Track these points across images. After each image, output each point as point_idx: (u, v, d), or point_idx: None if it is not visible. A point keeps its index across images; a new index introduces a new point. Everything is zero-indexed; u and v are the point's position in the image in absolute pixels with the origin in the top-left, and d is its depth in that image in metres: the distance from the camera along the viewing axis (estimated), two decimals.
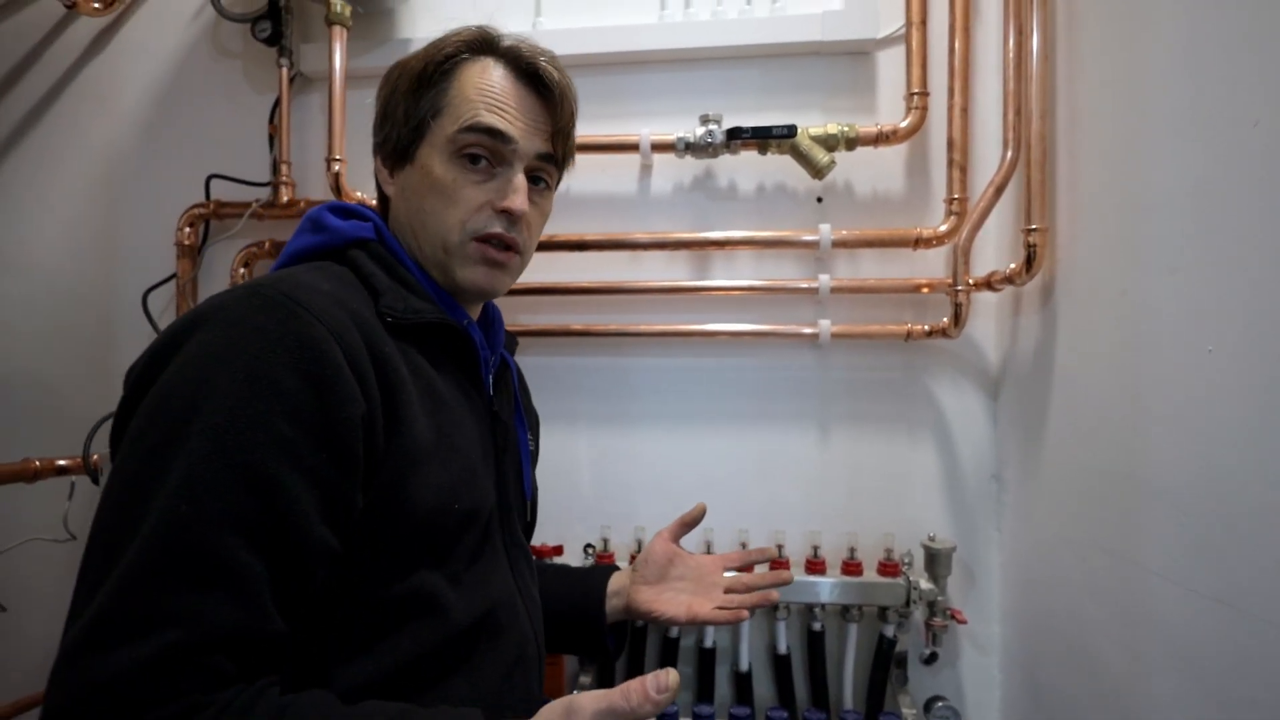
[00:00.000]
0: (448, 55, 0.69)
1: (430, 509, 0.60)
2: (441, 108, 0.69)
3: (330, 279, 0.62)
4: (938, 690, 1.15)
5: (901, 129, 1.11)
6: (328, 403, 0.53)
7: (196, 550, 0.48)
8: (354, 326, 0.57)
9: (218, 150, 1.31)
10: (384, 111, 0.72)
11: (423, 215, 0.69)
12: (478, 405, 0.72)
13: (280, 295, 0.55)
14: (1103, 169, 0.89)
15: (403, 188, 0.71)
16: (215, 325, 0.54)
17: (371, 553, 0.57)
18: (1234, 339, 0.65)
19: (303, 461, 0.52)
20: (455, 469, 0.64)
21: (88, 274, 1.35)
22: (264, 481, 0.50)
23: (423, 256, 0.71)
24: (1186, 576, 0.71)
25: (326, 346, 0.54)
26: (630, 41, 1.20)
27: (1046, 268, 1.00)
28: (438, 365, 0.67)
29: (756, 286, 1.18)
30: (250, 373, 0.51)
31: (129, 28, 1.36)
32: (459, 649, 0.62)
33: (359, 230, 0.69)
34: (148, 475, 0.49)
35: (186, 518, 0.48)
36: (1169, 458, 0.74)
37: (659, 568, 0.89)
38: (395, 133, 0.70)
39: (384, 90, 0.72)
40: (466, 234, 0.69)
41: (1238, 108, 0.65)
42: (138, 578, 0.47)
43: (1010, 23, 1.02)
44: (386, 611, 0.58)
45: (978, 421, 1.17)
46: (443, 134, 0.68)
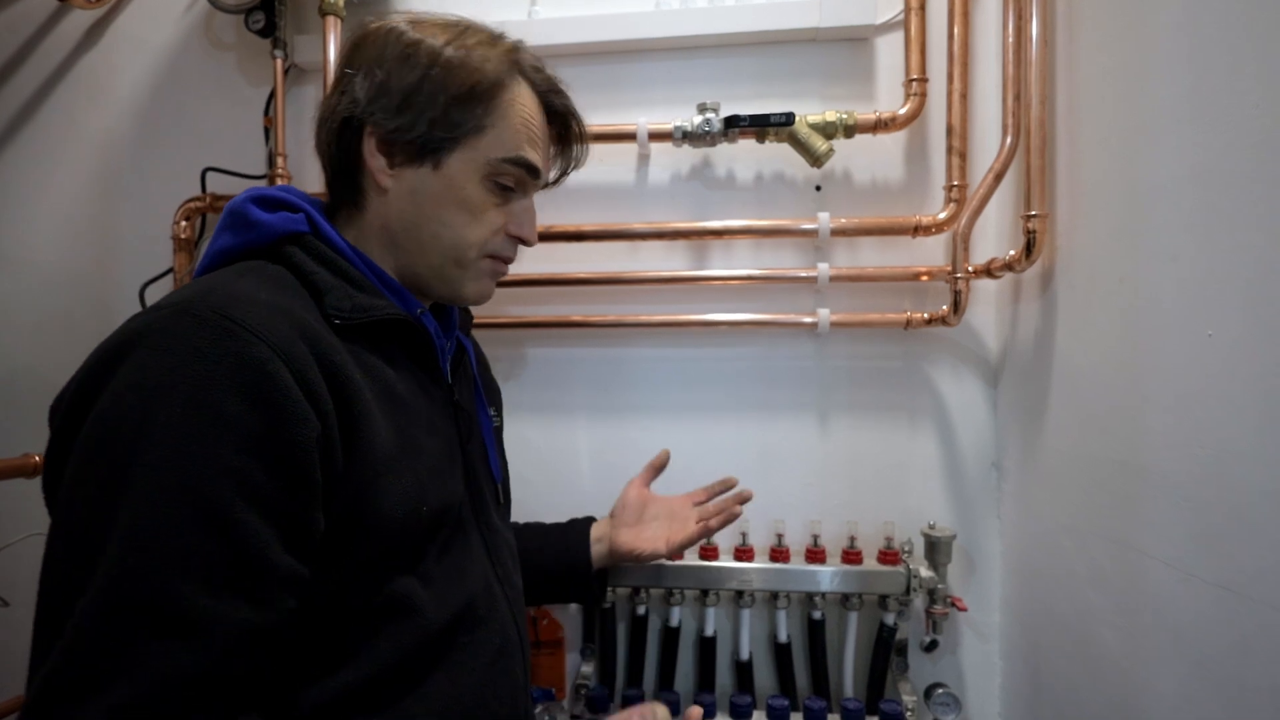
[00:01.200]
0: (499, 76, 0.66)
1: (398, 517, 0.58)
2: (487, 127, 0.66)
3: (266, 284, 0.57)
4: (938, 678, 1.16)
5: (900, 116, 1.10)
6: (277, 426, 0.50)
7: (147, 601, 0.46)
8: (299, 338, 0.54)
9: (213, 143, 1.30)
10: (408, 97, 0.64)
11: (438, 226, 0.67)
12: (437, 397, 0.70)
13: (213, 313, 0.51)
14: (1103, 155, 0.88)
15: (414, 190, 0.66)
16: (146, 351, 0.50)
17: (342, 568, 0.56)
18: (1234, 324, 0.65)
19: (257, 492, 0.49)
20: (420, 470, 0.62)
21: (85, 268, 1.34)
22: (216, 518, 0.48)
23: (422, 262, 0.68)
24: (1187, 563, 0.71)
25: (271, 366, 0.51)
26: (627, 30, 1.19)
27: (1046, 254, 0.99)
28: (392, 362, 0.64)
29: (755, 276, 1.17)
30: (190, 401, 0.48)
31: (122, 20, 1.35)
32: (438, 646, 0.61)
33: (290, 224, 0.63)
34: (92, 525, 0.47)
35: (135, 569, 0.46)
36: (1169, 443, 0.74)
37: (635, 511, 1.00)
38: (423, 129, 0.64)
39: (404, 71, 0.64)
40: (482, 252, 0.69)
41: (1238, 93, 0.64)
42: (90, 633, 0.46)
43: (1010, 8, 1.01)
44: (363, 620, 0.57)
45: (978, 409, 1.17)
46: (484, 155, 0.66)
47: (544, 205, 1.23)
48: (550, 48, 1.20)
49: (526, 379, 1.25)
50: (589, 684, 1.15)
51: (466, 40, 0.67)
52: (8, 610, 1.21)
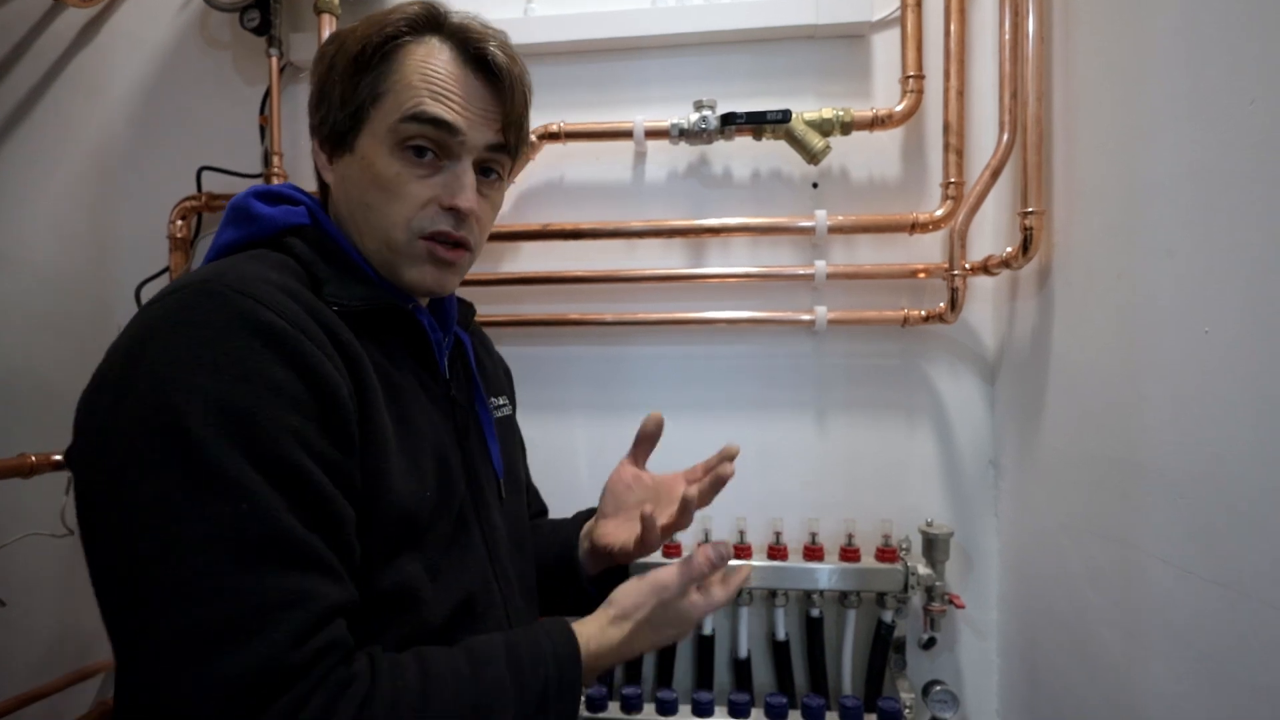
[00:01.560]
0: (389, 35, 0.63)
1: (404, 495, 0.59)
2: (382, 93, 0.63)
3: (274, 268, 0.58)
4: (936, 675, 1.16)
5: (897, 113, 1.10)
6: (319, 389, 0.52)
7: (281, 538, 0.48)
8: (309, 315, 0.55)
9: (209, 142, 1.30)
10: (320, 92, 0.66)
11: (365, 210, 0.65)
12: (434, 392, 0.70)
13: (229, 289, 0.52)
14: (1099, 152, 0.88)
15: (343, 177, 0.66)
16: (175, 331, 0.51)
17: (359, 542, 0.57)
18: (1231, 321, 0.65)
19: (314, 450, 0.51)
20: (422, 455, 0.63)
21: (80, 267, 1.34)
22: (292, 469, 0.50)
23: (366, 251, 0.67)
24: (1184, 560, 0.71)
25: (296, 335, 0.53)
26: (623, 27, 1.18)
27: (1043, 251, 0.99)
28: (390, 354, 0.65)
29: (753, 273, 1.17)
30: (238, 370, 0.49)
31: (117, 18, 1.34)
32: (437, 641, 0.61)
33: (291, 216, 0.65)
34: (176, 488, 0.47)
35: (252, 512, 0.47)
36: (1166, 441, 0.74)
37: (616, 498, 0.84)
38: (332, 116, 0.65)
39: (319, 67, 0.66)
40: (413, 232, 0.64)
41: (1235, 89, 0.64)
42: (242, 576, 0.46)
43: (1006, 4, 1.00)
44: (373, 610, 0.57)
45: (975, 406, 1.17)
46: (384, 123, 0.63)
47: (541, 203, 1.24)
48: (547, 45, 1.20)
49: (524, 377, 1.24)
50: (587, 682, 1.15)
51: (379, 14, 0.65)
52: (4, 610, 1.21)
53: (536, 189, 1.24)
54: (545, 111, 1.20)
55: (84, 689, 1.27)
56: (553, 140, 1.17)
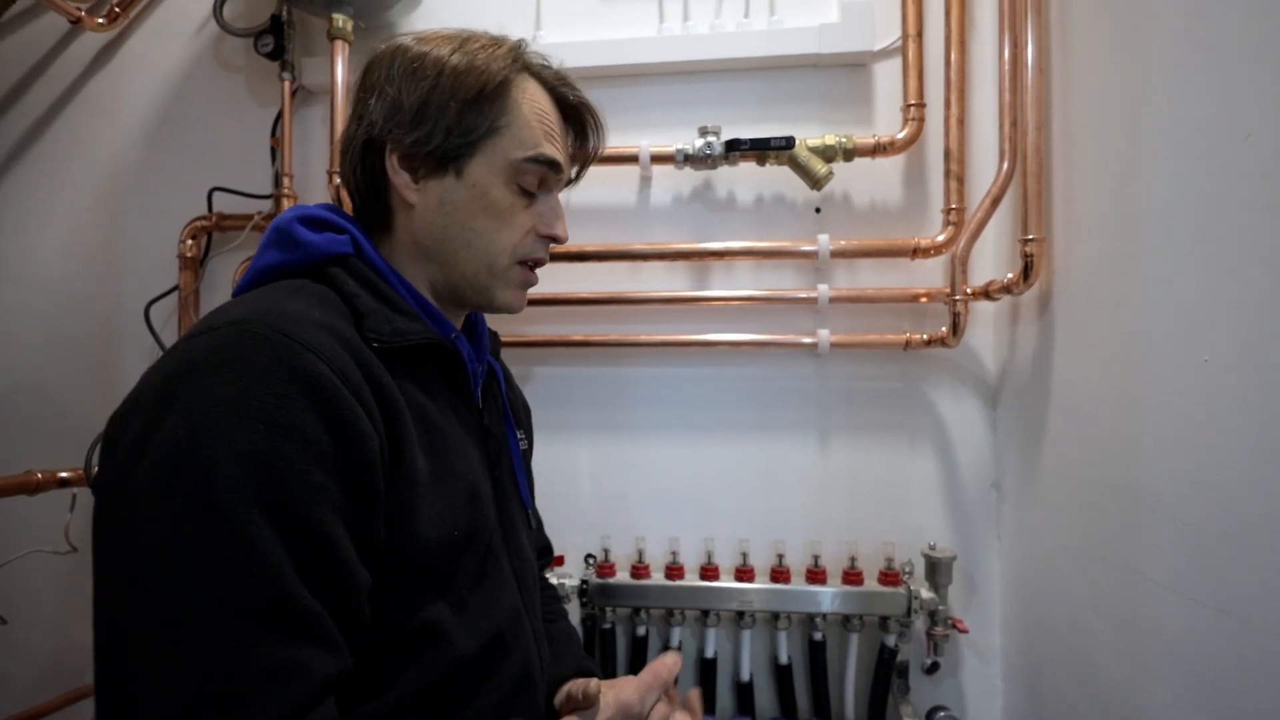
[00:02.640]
0: (506, 74, 0.66)
1: (433, 541, 0.59)
2: (503, 127, 0.66)
3: (316, 304, 0.58)
4: (940, 700, 1.15)
5: (899, 140, 1.12)
6: (348, 443, 0.52)
7: (283, 606, 0.47)
8: (350, 357, 0.55)
9: (220, 163, 1.32)
10: (419, 111, 0.64)
11: (469, 234, 0.67)
12: (469, 422, 0.70)
13: (275, 332, 0.51)
14: (1098, 180, 0.89)
15: (441, 200, 0.66)
16: (213, 371, 0.50)
17: (379, 589, 0.56)
18: (1230, 350, 0.66)
19: (337, 506, 0.51)
20: (454, 495, 0.63)
21: (90, 286, 1.35)
22: (310, 529, 0.49)
23: (456, 274, 0.68)
24: (1186, 586, 0.71)
25: (334, 384, 0.52)
26: (629, 55, 1.21)
27: (1044, 278, 1.00)
28: (426, 387, 0.65)
29: (756, 296, 1.18)
30: (270, 421, 0.48)
31: (133, 42, 1.37)
32: (466, 676, 0.61)
33: (335, 245, 0.64)
34: (191, 539, 0.46)
35: (260, 576, 0.46)
36: (1167, 467, 0.75)
37: None
38: (439, 139, 0.64)
39: (417, 85, 0.65)
40: (514, 257, 0.68)
41: (1231, 121, 0.66)
42: (237, 643, 0.45)
43: (1005, 35, 1.03)
44: (397, 648, 0.57)
45: (977, 430, 1.17)
46: (504, 156, 0.66)
47: None
48: None
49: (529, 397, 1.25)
50: None
51: (469, 46, 0.67)
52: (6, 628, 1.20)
53: None
54: None
55: (83, 708, 1.27)
56: None
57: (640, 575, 1.15)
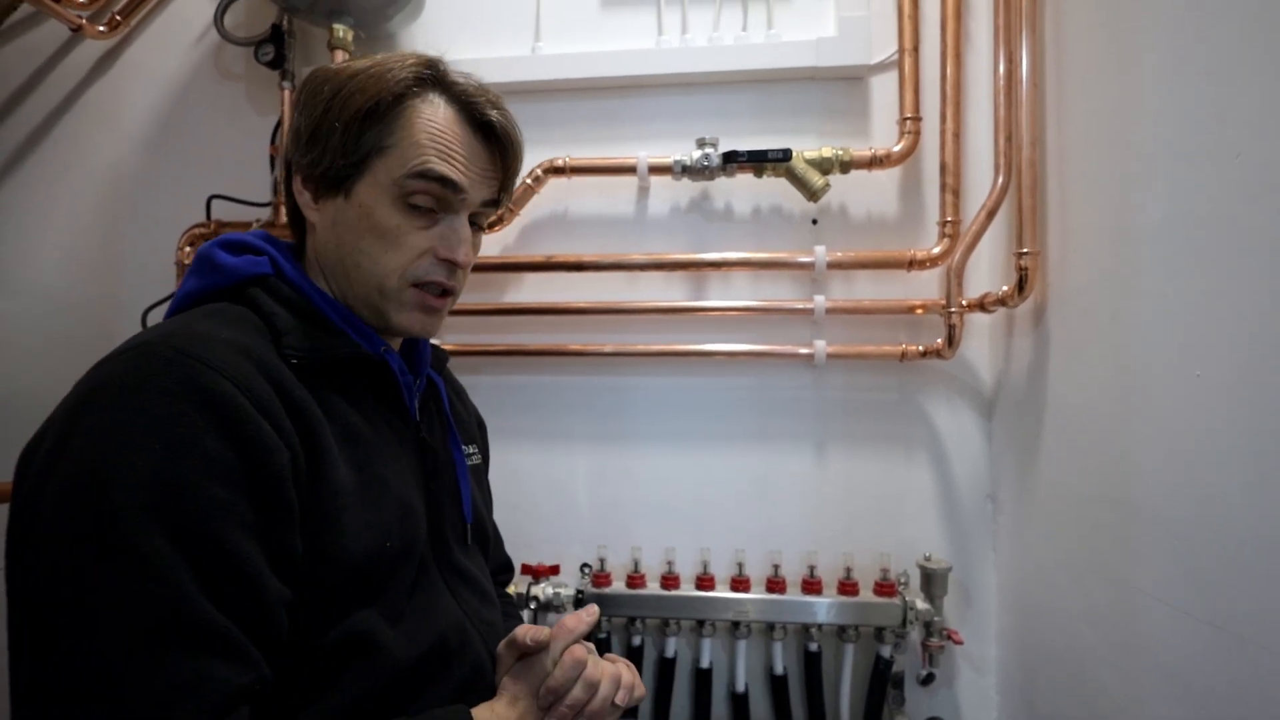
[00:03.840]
0: (398, 94, 0.65)
1: (360, 552, 0.58)
2: (388, 146, 0.64)
3: (228, 324, 0.58)
4: (935, 711, 1.15)
5: (895, 153, 1.13)
6: (252, 457, 0.52)
7: (185, 622, 0.47)
8: (259, 374, 0.55)
9: (219, 171, 1.32)
10: (312, 132, 0.65)
11: (357, 255, 0.66)
12: (405, 434, 0.70)
13: (175, 352, 0.52)
14: (1092, 195, 0.90)
15: (334, 221, 0.66)
16: (113, 394, 0.51)
17: (304, 601, 0.56)
18: (1222, 364, 0.66)
19: (243, 519, 0.51)
20: (385, 507, 0.62)
21: (89, 292, 1.35)
22: (213, 545, 0.49)
23: (351, 294, 0.68)
24: (1180, 601, 0.71)
25: (238, 400, 0.52)
26: (628, 66, 1.21)
27: (1038, 291, 1.01)
28: (355, 400, 0.65)
29: (753, 307, 1.19)
30: (167, 441, 0.49)
31: (133, 50, 1.37)
32: (406, 685, 0.61)
33: (254, 266, 0.64)
34: (95, 563, 0.46)
35: (158, 594, 0.46)
36: (1160, 483, 0.75)
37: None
38: (328, 160, 0.64)
39: (312, 106, 0.65)
40: (406, 280, 0.66)
41: (1222, 138, 0.67)
42: (139, 661, 0.45)
43: (1000, 50, 1.04)
44: (326, 658, 0.57)
45: (972, 441, 1.18)
46: (388, 175, 0.64)
47: (545, 235, 1.26)
48: (553, 83, 1.23)
49: (525, 407, 1.26)
50: None
51: (378, 67, 0.65)
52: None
53: (541, 221, 1.26)
54: (551, 146, 1.22)
55: None
56: (558, 175, 1.20)
57: (636, 585, 1.15)
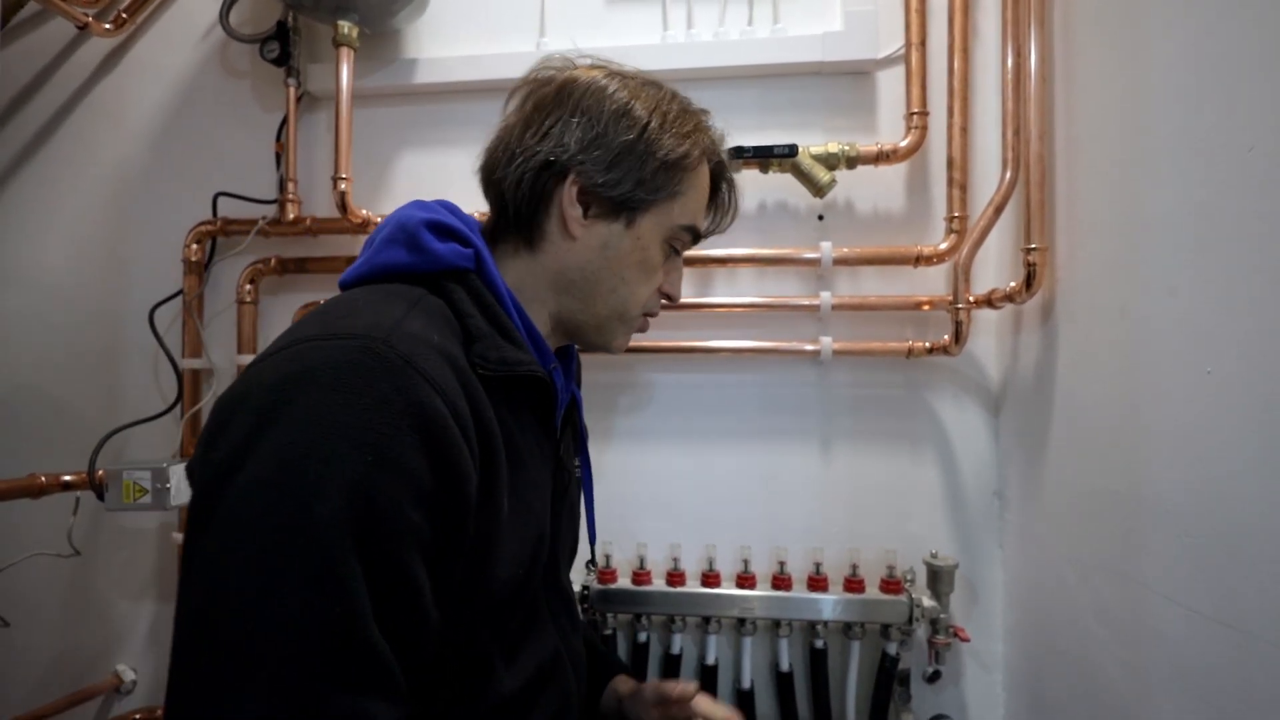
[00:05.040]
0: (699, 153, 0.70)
1: (503, 580, 0.59)
2: (679, 194, 0.69)
3: (433, 324, 0.57)
4: (941, 708, 1.15)
5: (901, 148, 1.12)
6: (450, 484, 0.51)
7: (358, 654, 0.46)
8: (461, 389, 0.55)
9: (225, 168, 1.32)
10: (620, 155, 0.66)
11: (617, 281, 0.69)
12: (547, 451, 0.70)
13: (399, 357, 0.51)
14: (1101, 190, 0.89)
15: (605, 243, 0.68)
16: (332, 389, 0.48)
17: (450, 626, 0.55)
18: (1233, 359, 0.66)
19: (425, 546, 0.50)
20: (526, 536, 0.63)
21: (95, 290, 1.36)
22: (397, 569, 0.48)
23: (585, 313, 0.70)
24: (1189, 596, 0.71)
25: (446, 422, 0.51)
26: (633, 62, 1.18)
27: (1046, 286, 1.00)
28: (518, 415, 0.64)
29: (758, 303, 1.18)
30: (379, 453, 0.48)
31: (139, 48, 1.38)
32: (508, 713, 0.62)
33: (459, 259, 0.63)
34: (282, 565, 0.45)
35: (335, 616, 0.45)
36: (1170, 479, 0.74)
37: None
38: (627, 188, 0.66)
39: (623, 130, 0.66)
40: (642, 309, 0.73)
41: (1233, 133, 0.66)
42: (301, 680, 0.44)
43: (1008, 44, 1.03)
44: (449, 679, 0.57)
45: (979, 438, 1.17)
46: (670, 220, 0.70)
47: None
48: None
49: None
50: None
51: (667, 107, 0.70)
52: (7, 631, 1.21)
53: None
54: None
55: (83, 711, 1.27)
56: None
57: (641, 581, 1.15)
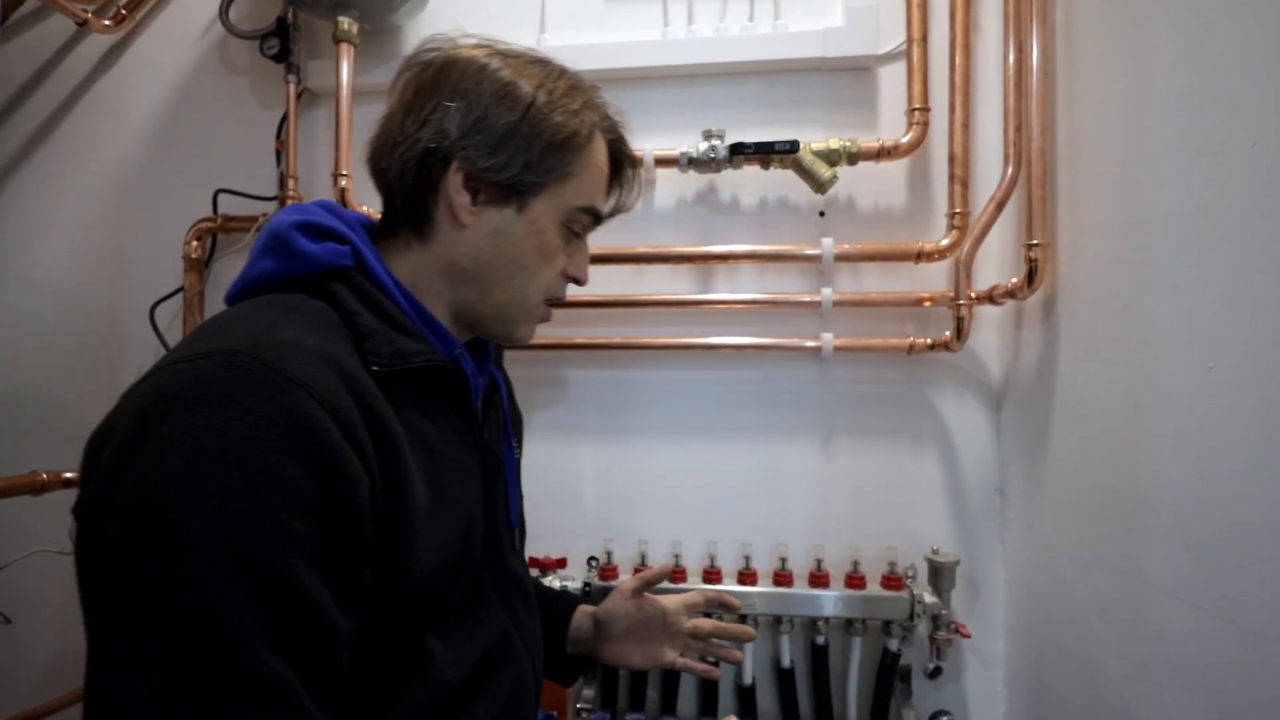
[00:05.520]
0: (590, 128, 0.67)
1: (427, 572, 0.57)
2: (571, 175, 0.66)
3: (312, 327, 0.55)
4: (942, 704, 1.15)
5: (903, 144, 1.12)
6: (333, 489, 0.49)
7: (234, 674, 0.44)
8: (346, 390, 0.52)
9: (225, 165, 1.32)
10: (503, 139, 0.63)
11: (513, 268, 0.66)
12: (468, 438, 0.69)
13: (263, 366, 0.48)
14: (1103, 186, 0.89)
15: (496, 230, 0.65)
16: (194, 409, 0.47)
17: (372, 626, 0.54)
18: (1235, 356, 0.66)
19: (316, 556, 0.48)
20: (452, 526, 0.61)
21: (96, 287, 1.36)
22: (283, 584, 0.46)
23: (484, 303, 0.67)
24: (1190, 592, 0.71)
25: (324, 425, 0.49)
26: (634, 58, 1.21)
27: (1048, 283, 1.00)
28: (427, 407, 0.62)
29: (759, 300, 1.18)
30: (249, 468, 0.46)
31: (139, 44, 1.38)
32: (453, 700, 0.60)
33: (336, 257, 0.60)
34: (157, 595, 0.44)
35: (212, 639, 0.44)
36: (1171, 473, 0.74)
37: (625, 625, 0.88)
38: (514, 171, 0.63)
39: (506, 112, 0.63)
40: (544, 296, 0.70)
41: (1236, 130, 0.66)
42: (188, 706, 0.43)
43: (1010, 39, 1.03)
44: (382, 679, 0.56)
45: (981, 434, 1.17)
46: (565, 202, 0.67)
47: None
48: None
49: (531, 399, 1.25)
50: (591, 708, 1.14)
51: (553, 85, 0.66)
52: (9, 627, 1.21)
53: None
54: None
55: None
56: None
57: None
